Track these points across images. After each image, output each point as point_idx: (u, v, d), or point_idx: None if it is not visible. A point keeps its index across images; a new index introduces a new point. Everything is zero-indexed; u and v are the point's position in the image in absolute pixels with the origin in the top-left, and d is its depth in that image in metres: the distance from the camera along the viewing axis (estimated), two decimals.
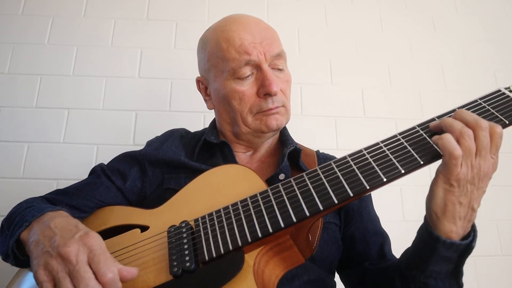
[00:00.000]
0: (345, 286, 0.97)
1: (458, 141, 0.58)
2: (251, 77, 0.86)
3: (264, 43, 0.86)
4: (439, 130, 0.62)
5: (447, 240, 0.61)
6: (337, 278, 0.91)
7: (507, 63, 1.81)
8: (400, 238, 0.98)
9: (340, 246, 0.90)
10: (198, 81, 0.99)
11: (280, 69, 0.90)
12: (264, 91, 0.84)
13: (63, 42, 1.60)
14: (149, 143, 0.99)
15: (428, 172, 0.85)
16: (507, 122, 0.59)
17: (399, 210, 1.54)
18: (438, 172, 0.61)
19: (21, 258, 0.69)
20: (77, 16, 1.65)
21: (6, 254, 0.71)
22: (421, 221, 0.68)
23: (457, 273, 0.66)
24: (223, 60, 0.87)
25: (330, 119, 1.63)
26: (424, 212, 0.66)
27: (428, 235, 0.64)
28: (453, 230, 0.61)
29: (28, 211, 0.71)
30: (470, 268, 1.49)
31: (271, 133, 0.91)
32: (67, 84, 1.55)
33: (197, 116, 1.56)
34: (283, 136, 0.99)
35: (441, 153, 0.59)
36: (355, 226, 0.92)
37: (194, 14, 1.70)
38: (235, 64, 0.84)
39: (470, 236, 0.63)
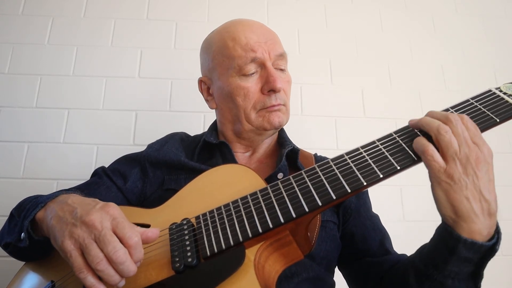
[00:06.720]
0: (348, 285, 0.97)
1: (437, 138, 0.59)
2: (256, 75, 0.89)
3: (269, 43, 0.90)
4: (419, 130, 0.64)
5: (468, 240, 0.58)
6: (336, 277, 0.90)
7: (507, 63, 1.81)
8: (400, 238, 0.98)
9: (339, 244, 0.90)
10: (200, 81, 1.01)
11: (282, 69, 0.93)
12: (268, 87, 0.87)
13: (63, 42, 1.60)
14: (150, 145, 1.00)
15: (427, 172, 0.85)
16: (498, 120, 0.61)
17: (399, 210, 1.53)
18: (429, 177, 0.61)
19: (35, 238, 0.69)
20: (77, 16, 1.65)
21: (17, 239, 0.71)
22: (421, 221, 0.67)
23: (477, 276, 0.63)
24: (229, 58, 0.90)
25: (330, 119, 1.63)
26: (424, 212, 0.66)
27: (448, 234, 0.60)
28: (474, 230, 0.58)
29: (40, 198, 0.73)
30: None
31: (272, 131, 0.92)
32: (67, 84, 1.55)
33: (197, 116, 1.56)
34: (281, 138, 1.01)
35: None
36: (353, 223, 0.92)
37: (194, 14, 1.70)
38: (241, 61, 0.88)
39: (494, 238, 0.60)
